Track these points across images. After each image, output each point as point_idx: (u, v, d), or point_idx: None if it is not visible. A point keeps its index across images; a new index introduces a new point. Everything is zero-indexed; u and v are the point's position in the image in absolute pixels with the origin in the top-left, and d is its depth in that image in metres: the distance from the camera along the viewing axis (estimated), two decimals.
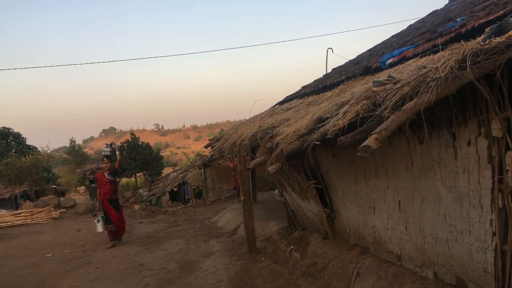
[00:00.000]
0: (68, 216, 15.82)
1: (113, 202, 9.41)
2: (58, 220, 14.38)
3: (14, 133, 29.11)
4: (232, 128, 11.40)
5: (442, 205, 3.89)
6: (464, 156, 3.50)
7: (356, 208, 5.63)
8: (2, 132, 28.34)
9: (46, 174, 24.63)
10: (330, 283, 5.37)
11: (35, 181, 20.60)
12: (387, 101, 3.22)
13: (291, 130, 5.02)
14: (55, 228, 12.63)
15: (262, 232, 8.67)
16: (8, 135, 28.73)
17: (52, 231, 11.88)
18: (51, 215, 14.76)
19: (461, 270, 3.76)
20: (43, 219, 14.48)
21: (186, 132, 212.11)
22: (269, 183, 18.35)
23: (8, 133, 28.73)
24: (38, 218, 14.42)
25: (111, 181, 9.38)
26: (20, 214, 14.38)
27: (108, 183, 9.31)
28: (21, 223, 13.81)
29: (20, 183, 19.68)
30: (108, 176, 9.36)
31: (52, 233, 11.58)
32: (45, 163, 22.87)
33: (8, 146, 28.07)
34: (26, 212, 14.65)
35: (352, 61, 9.71)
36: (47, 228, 12.69)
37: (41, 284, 6.69)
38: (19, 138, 29.18)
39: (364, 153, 2.84)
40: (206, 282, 6.24)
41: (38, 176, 20.96)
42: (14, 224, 13.65)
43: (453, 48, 3.21)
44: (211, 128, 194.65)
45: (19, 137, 29.17)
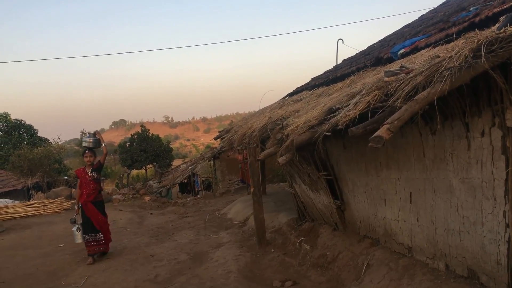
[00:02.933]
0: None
1: (98, 205, 7.65)
2: (69, 211, 14.50)
3: (26, 125, 29.34)
4: (242, 120, 11.38)
5: (455, 197, 3.85)
6: (478, 147, 3.45)
7: (366, 200, 5.60)
8: (14, 124, 28.60)
9: (58, 165, 24.79)
10: (340, 275, 5.36)
11: (47, 172, 20.79)
12: (399, 91, 3.19)
13: (301, 121, 4.99)
14: (67, 219, 12.69)
15: (272, 223, 8.68)
16: (20, 127, 28.98)
17: (63, 222, 11.98)
18: (62, 206, 14.91)
19: (473, 262, 3.73)
20: (55, 210, 14.64)
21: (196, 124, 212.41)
22: (278, 175, 18.35)
23: (20, 125, 28.97)
24: (50, 209, 14.58)
25: (95, 179, 7.65)
26: (32, 205, 14.53)
27: (92, 181, 7.57)
28: (33, 214, 13.97)
29: (32, 174, 19.87)
30: (92, 173, 7.61)
31: (63, 223, 11.69)
32: (57, 154, 23.09)
33: (20, 138, 28.33)
34: (38, 203, 14.80)
35: (363, 52, 9.62)
36: (59, 219, 12.82)
37: (53, 274, 6.76)
38: (31, 130, 29.42)
39: (375, 144, 2.82)
40: (216, 273, 6.27)
41: (49, 167, 21.14)
42: (27, 214, 13.82)
43: (467, 37, 3.16)
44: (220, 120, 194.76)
45: (31, 129, 29.41)
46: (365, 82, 4.69)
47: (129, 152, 35.57)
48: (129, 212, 14.34)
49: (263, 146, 6.76)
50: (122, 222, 11.94)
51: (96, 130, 7.91)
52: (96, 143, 7.78)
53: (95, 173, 7.67)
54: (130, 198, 19.02)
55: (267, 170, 14.63)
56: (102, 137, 7.95)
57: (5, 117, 28.51)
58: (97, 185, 7.70)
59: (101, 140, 7.89)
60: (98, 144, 7.82)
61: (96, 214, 7.52)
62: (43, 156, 20.34)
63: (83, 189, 7.55)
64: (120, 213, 13.76)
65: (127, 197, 19.17)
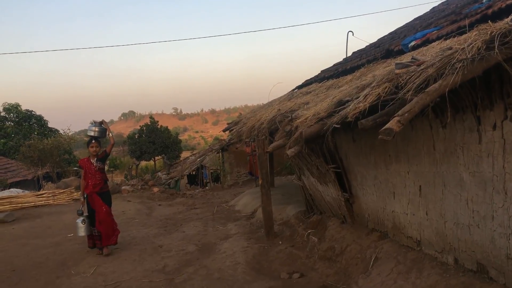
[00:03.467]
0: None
1: (104, 196, 7.36)
2: (79, 201, 14.64)
3: (36, 115, 29.55)
4: (251, 112, 11.38)
5: (465, 190, 3.82)
6: (489, 140, 3.42)
7: (375, 193, 5.58)
8: (25, 115, 28.81)
9: (68, 156, 25.01)
10: (347, 267, 5.36)
11: (57, 163, 20.94)
12: (410, 84, 3.16)
13: (310, 113, 4.97)
14: (76, 209, 12.84)
15: (280, 216, 8.69)
16: (31, 118, 29.20)
17: (73, 212, 12.01)
18: (72, 196, 15.03)
19: (483, 256, 3.70)
20: (65, 200, 14.76)
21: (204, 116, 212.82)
22: (287, 167, 18.34)
23: (30, 115, 29.19)
24: (60, 199, 14.71)
25: (100, 169, 7.37)
26: (43, 195, 14.67)
27: (97, 171, 7.28)
28: (44, 204, 14.10)
29: (42, 164, 20.02)
30: (97, 163, 7.30)
31: (73, 213, 11.70)
32: (67, 145, 23.25)
33: (30, 128, 28.54)
34: (48, 193, 14.93)
35: (373, 45, 9.55)
36: (69, 209, 12.92)
37: (63, 263, 6.84)
38: (41, 120, 29.63)
39: (385, 136, 2.80)
40: (224, 264, 6.30)
41: (59, 158, 21.31)
42: (37, 204, 13.94)
43: (480, 28, 3.12)
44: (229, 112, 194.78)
45: (41, 120, 29.62)
46: (375, 75, 4.65)
47: (138, 144, 35.76)
48: (137, 203, 14.42)
49: (272, 138, 6.76)
50: (130, 213, 12.02)
51: (103, 119, 7.51)
52: (102, 133, 7.42)
53: (100, 163, 7.36)
54: (138, 189, 19.13)
55: (275, 162, 14.63)
56: (108, 126, 7.60)
57: (15, 107, 28.73)
58: (102, 175, 7.41)
59: (107, 129, 7.53)
60: (104, 133, 7.46)
61: (101, 205, 7.19)
62: (53, 147, 20.49)
63: (88, 179, 7.24)
64: (129, 204, 13.85)
65: (136, 188, 19.28)
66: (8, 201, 13.54)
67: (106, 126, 7.52)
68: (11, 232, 9.68)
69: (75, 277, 6.12)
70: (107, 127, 7.52)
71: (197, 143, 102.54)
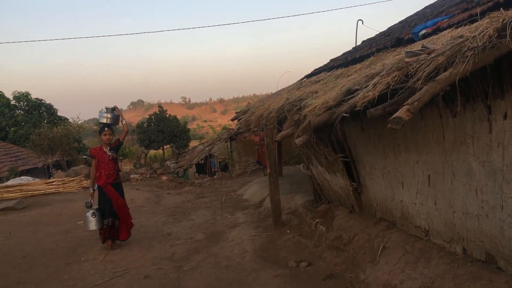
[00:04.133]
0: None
1: (118, 187, 7.07)
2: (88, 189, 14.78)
3: (46, 104, 29.69)
4: (259, 101, 11.35)
5: (474, 180, 3.79)
6: (500, 130, 3.38)
7: (383, 183, 5.56)
8: (35, 103, 28.95)
9: (77, 144, 25.16)
10: (355, 256, 5.37)
11: (67, 151, 21.09)
12: (420, 72, 3.13)
13: (319, 102, 4.95)
14: (86, 197, 12.85)
15: (288, 205, 8.71)
16: (40, 106, 29.32)
17: (83, 200, 12.15)
18: (82, 184, 15.19)
19: (491, 246, 3.69)
20: (75, 187, 14.93)
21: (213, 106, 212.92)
22: (295, 157, 18.32)
23: (40, 104, 29.31)
24: (69, 187, 14.88)
25: (113, 158, 7.00)
26: (53, 183, 14.84)
27: (111, 161, 6.93)
28: (54, 192, 14.27)
29: (52, 153, 20.19)
30: (110, 152, 6.94)
31: (83, 201, 11.79)
32: (76, 133, 23.39)
33: (40, 117, 28.70)
34: (58, 181, 15.10)
35: (383, 33, 9.44)
36: (78, 197, 13.07)
37: (73, 250, 6.93)
38: (51, 109, 29.74)
39: (395, 125, 2.78)
40: (232, 252, 6.34)
41: (69, 146, 21.46)
42: (47, 192, 14.12)
43: (491, 16, 3.08)
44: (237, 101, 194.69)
45: (50, 108, 29.73)
46: (385, 63, 4.61)
47: (146, 133, 35.92)
48: (146, 191, 14.54)
49: (280, 128, 6.74)
50: (139, 201, 12.13)
51: (115, 105, 7.14)
52: (115, 120, 7.00)
53: (113, 152, 6.99)
54: (147, 178, 19.28)
55: (283, 152, 14.61)
56: (121, 113, 7.20)
57: (25, 96, 28.88)
58: (116, 165, 7.06)
59: (120, 116, 7.12)
60: (117, 120, 7.04)
61: (117, 197, 6.90)
62: (62, 135, 20.63)
63: (101, 169, 6.84)
64: (138, 192, 13.97)
65: (145, 177, 19.43)
66: (18, 188, 13.73)
67: (119, 112, 7.12)
68: (22, 219, 9.82)
69: (84, 263, 6.21)
70: (120, 113, 7.12)
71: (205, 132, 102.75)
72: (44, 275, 5.83)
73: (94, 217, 6.75)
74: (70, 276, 5.76)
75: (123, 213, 6.99)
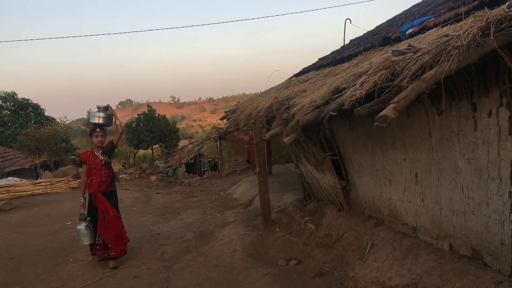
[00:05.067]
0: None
1: (110, 196, 6.17)
2: (77, 190, 14.66)
3: (33, 104, 29.33)
4: (248, 100, 11.35)
5: (460, 177, 3.84)
6: (484, 127, 3.43)
7: (372, 180, 5.61)
8: (21, 103, 28.58)
9: (65, 145, 24.93)
10: (344, 254, 5.41)
11: (54, 151, 20.91)
12: (406, 71, 3.15)
13: (307, 101, 4.97)
14: (74, 198, 12.88)
15: (277, 203, 8.73)
16: (27, 106, 28.96)
17: (71, 200, 12.14)
18: (70, 185, 15.07)
19: (477, 242, 3.74)
20: (62, 188, 14.80)
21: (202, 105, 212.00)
22: (284, 155, 18.37)
23: (27, 104, 28.95)
24: (57, 187, 14.75)
25: (107, 163, 6.20)
26: (40, 184, 14.69)
27: (103, 166, 6.12)
28: (41, 192, 14.14)
29: (40, 153, 19.99)
30: (102, 157, 6.16)
31: (71, 202, 11.84)
32: (64, 134, 23.16)
33: (27, 117, 28.34)
34: (46, 181, 14.96)
35: (371, 32, 9.50)
36: (67, 197, 12.97)
37: (61, 251, 6.88)
38: (38, 109, 29.39)
39: (381, 123, 2.81)
40: (221, 251, 6.35)
41: (57, 146, 21.26)
42: (35, 193, 13.99)
43: (476, 15, 3.11)
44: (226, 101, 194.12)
45: (37, 108, 29.38)
46: (372, 62, 4.64)
47: (135, 132, 35.69)
48: (135, 191, 14.47)
49: (269, 126, 6.75)
50: (128, 201, 12.07)
51: (108, 104, 6.37)
52: (108, 120, 6.27)
53: (106, 156, 6.21)
54: (136, 178, 19.18)
55: (273, 150, 14.65)
56: (115, 112, 6.44)
57: (12, 96, 28.52)
58: (109, 171, 6.24)
59: (114, 116, 6.38)
60: (110, 120, 6.31)
61: (108, 208, 6.01)
62: (50, 135, 20.43)
63: (92, 176, 6.03)
64: (127, 192, 13.89)
65: (134, 177, 19.33)
66: (6, 189, 13.57)
67: (112, 112, 6.38)
68: (9, 221, 9.71)
69: (73, 264, 6.17)
70: (113, 113, 6.38)
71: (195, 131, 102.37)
72: (32, 277, 5.78)
73: (88, 230, 5.94)
74: (59, 277, 5.72)
75: (115, 227, 6.04)
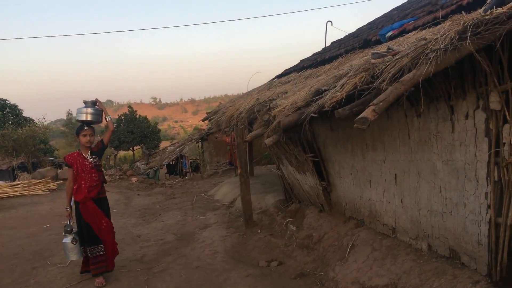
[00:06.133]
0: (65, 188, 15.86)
1: (102, 204, 5.52)
2: (55, 192, 14.43)
3: (10, 104, 28.80)
4: (230, 102, 11.35)
5: (438, 178, 3.90)
6: (462, 129, 3.49)
7: (352, 182, 5.65)
8: None
9: (43, 146, 24.54)
10: (325, 255, 5.43)
11: (32, 153, 20.59)
12: (385, 73, 3.20)
13: (288, 102, 4.99)
14: (52, 200, 12.68)
15: (259, 205, 8.73)
16: (5, 107, 28.42)
17: (49, 202, 11.94)
18: (48, 187, 14.81)
19: (455, 243, 3.80)
20: (41, 190, 14.53)
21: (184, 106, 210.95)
22: (266, 157, 18.41)
23: (4, 104, 28.40)
24: (35, 189, 14.47)
25: (96, 165, 5.43)
26: (18, 185, 14.41)
27: (93, 169, 5.34)
28: (19, 194, 13.85)
29: (17, 154, 19.68)
30: (91, 158, 5.37)
31: (49, 204, 11.64)
32: (42, 135, 22.80)
33: (4, 117, 27.85)
34: (23, 183, 14.68)
35: (352, 35, 9.59)
36: (45, 200, 12.75)
37: (39, 254, 6.75)
38: (16, 109, 28.90)
39: (361, 125, 2.83)
40: (202, 253, 6.31)
41: (35, 148, 20.95)
42: (12, 195, 13.68)
43: (453, 19, 3.17)
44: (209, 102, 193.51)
45: (15, 109, 28.87)
46: (352, 64, 4.69)
47: (116, 133, 35.28)
48: (115, 193, 14.29)
49: (251, 128, 6.76)
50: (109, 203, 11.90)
51: (97, 98, 5.55)
52: (97, 116, 5.48)
53: (95, 157, 5.43)
54: (117, 179, 18.96)
55: (255, 152, 14.67)
56: (105, 108, 5.61)
57: None
58: (100, 174, 5.46)
59: (104, 111, 5.56)
60: (99, 117, 5.52)
61: (100, 217, 5.34)
62: (28, 136, 20.12)
63: (81, 181, 5.24)
64: (107, 194, 13.69)
65: (114, 178, 19.10)
66: None
67: (102, 107, 5.55)
68: None
69: (51, 267, 6.05)
70: (103, 108, 5.55)
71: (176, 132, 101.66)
72: (9, 280, 5.66)
73: (75, 244, 5.22)
74: (36, 280, 5.61)
75: (108, 240, 5.38)
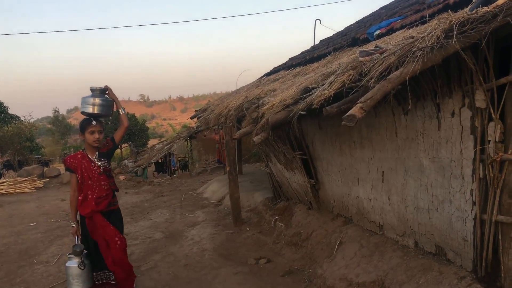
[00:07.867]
0: (52, 186, 15.75)
1: (114, 218, 4.37)
2: (42, 190, 14.31)
3: None
4: (219, 99, 11.31)
5: (425, 176, 3.94)
6: (448, 127, 3.53)
7: (340, 179, 5.68)
8: None
9: (29, 143, 24.29)
10: (313, 252, 5.46)
11: (18, 150, 20.38)
12: (373, 71, 3.21)
13: (277, 100, 4.99)
14: (39, 198, 12.57)
15: (247, 202, 8.74)
16: None
17: (36, 201, 11.83)
18: (34, 185, 14.68)
19: (441, 239, 3.84)
20: (27, 188, 14.40)
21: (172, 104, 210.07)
22: (255, 155, 18.40)
23: None
24: (21, 187, 14.34)
25: (106, 170, 4.36)
26: (3, 183, 14.26)
27: (102, 176, 4.28)
28: (4, 192, 13.71)
29: (3, 152, 19.46)
30: (100, 161, 4.33)
31: (36, 202, 11.53)
32: (28, 132, 22.55)
33: None
34: (9, 181, 14.52)
35: (340, 33, 9.62)
36: (31, 198, 12.63)
37: (25, 253, 6.69)
38: (1, 106, 28.53)
39: (348, 122, 2.84)
40: (191, 251, 6.31)
41: (20, 145, 20.72)
42: None
43: (440, 18, 3.20)
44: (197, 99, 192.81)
45: (1, 106, 28.52)
46: (341, 62, 4.70)
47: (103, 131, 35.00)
48: None
49: (239, 126, 6.75)
50: None
51: (106, 85, 4.38)
52: (108, 108, 4.34)
53: (104, 161, 4.37)
54: None
55: (243, 150, 14.66)
56: (116, 97, 4.46)
57: None
58: (110, 181, 4.39)
59: (116, 102, 4.43)
60: (110, 108, 4.38)
61: (113, 235, 4.20)
62: (13, 134, 19.89)
63: (87, 190, 4.17)
64: None
65: None
66: None
67: (113, 96, 4.41)
68: None
69: (37, 266, 6.01)
70: (114, 97, 4.42)
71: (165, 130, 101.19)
72: None
73: (83, 269, 4.03)
74: (22, 279, 5.56)
75: (122, 261, 4.23)
